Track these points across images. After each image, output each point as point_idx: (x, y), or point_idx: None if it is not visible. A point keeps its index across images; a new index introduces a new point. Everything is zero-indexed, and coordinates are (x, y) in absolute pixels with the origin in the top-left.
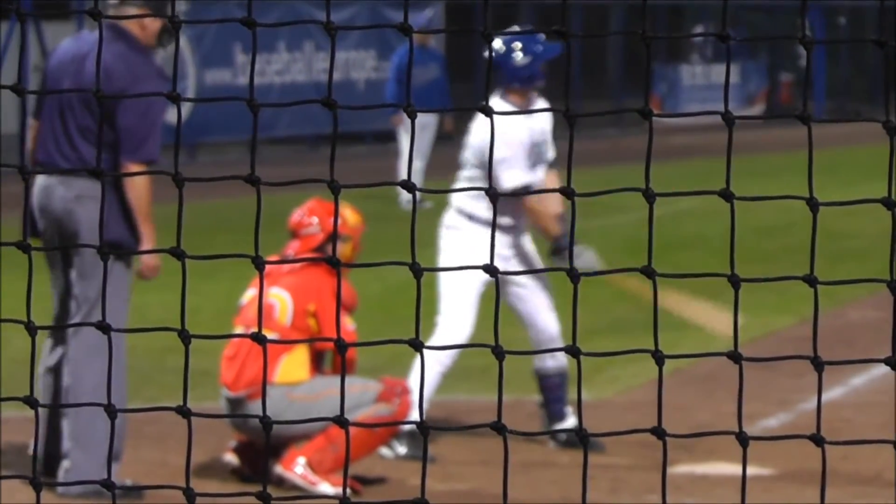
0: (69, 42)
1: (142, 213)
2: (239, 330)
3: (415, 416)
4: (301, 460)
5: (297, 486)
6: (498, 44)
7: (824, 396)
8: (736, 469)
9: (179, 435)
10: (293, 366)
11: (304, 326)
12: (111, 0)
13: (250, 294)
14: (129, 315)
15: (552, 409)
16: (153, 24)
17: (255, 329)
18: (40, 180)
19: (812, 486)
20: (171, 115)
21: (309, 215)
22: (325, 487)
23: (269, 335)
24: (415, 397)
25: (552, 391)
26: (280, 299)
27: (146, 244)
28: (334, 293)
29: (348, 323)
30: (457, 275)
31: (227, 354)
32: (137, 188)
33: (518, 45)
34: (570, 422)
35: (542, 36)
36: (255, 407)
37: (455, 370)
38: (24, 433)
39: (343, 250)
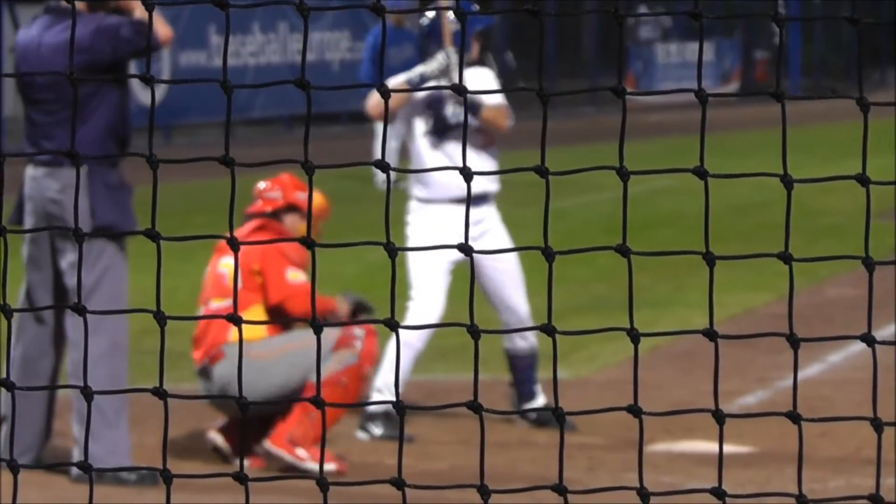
0: (23, 33)
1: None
2: (201, 309)
3: (388, 391)
4: (289, 436)
5: (287, 462)
6: (431, 13)
7: (802, 374)
8: (714, 447)
9: (157, 417)
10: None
11: (254, 286)
12: None
13: (214, 266)
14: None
15: (522, 388)
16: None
17: (212, 302)
18: (29, 171)
19: (791, 464)
20: (145, 98)
21: (274, 184)
22: (313, 464)
23: (222, 303)
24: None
25: (523, 371)
26: (228, 267)
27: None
28: (279, 249)
29: (296, 277)
30: (423, 257)
31: (195, 335)
32: (162, 26)
33: (451, 13)
34: (540, 401)
35: (476, 6)
36: (217, 369)
37: (432, 350)
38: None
39: (299, 226)
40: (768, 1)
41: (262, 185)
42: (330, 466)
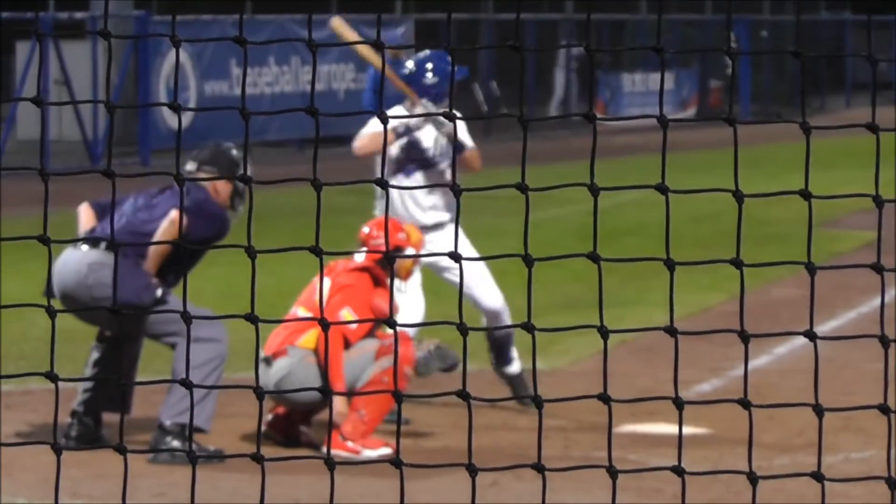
0: None
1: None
2: (293, 307)
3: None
4: (340, 435)
5: (345, 458)
6: (410, 64)
7: (752, 364)
8: (674, 429)
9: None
10: (315, 337)
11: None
12: (188, 166)
13: (314, 281)
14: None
15: (500, 354)
16: (225, 189)
17: (299, 310)
18: (65, 253)
19: (742, 444)
20: (174, 121)
21: (377, 230)
22: (368, 452)
23: (306, 313)
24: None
25: (497, 340)
26: (323, 286)
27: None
28: (362, 288)
29: (344, 316)
30: None
31: (274, 330)
32: (160, 247)
33: (430, 65)
34: (516, 366)
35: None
36: (278, 363)
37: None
38: (50, 403)
39: (405, 262)
40: (721, 35)
41: (365, 229)
42: (387, 451)
